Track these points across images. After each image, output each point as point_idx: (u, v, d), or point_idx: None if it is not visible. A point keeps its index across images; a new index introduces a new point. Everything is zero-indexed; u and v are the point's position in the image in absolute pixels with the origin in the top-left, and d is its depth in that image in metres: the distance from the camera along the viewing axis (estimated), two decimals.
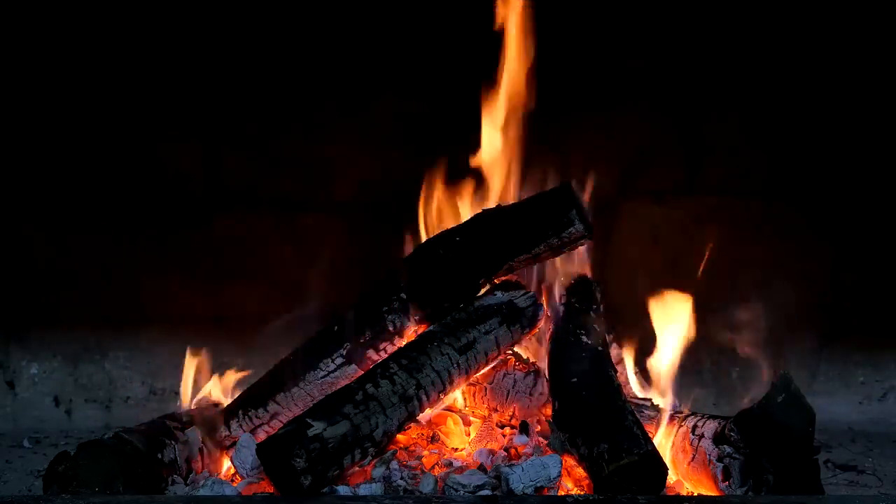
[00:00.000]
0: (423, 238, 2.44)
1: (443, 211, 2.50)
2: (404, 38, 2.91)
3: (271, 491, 1.96)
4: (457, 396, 2.31)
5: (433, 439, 2.19)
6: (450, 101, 2.82)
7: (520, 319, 2.24)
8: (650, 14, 2.91)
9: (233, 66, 2.93)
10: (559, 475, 1.94)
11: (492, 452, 2.12)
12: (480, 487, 1.93)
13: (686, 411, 2.18)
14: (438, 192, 2.51)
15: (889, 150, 2.98)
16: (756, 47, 2.93)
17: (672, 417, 2.15)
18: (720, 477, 1.94)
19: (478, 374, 2.25)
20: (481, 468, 2.02)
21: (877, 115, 2.96)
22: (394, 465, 2.02)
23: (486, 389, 2.30)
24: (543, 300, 2.36)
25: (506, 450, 2.14)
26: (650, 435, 1.99)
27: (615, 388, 2.08)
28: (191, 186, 3.01)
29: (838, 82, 2.95)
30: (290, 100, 2.97)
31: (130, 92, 2.94)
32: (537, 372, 2.27)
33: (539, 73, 2.65)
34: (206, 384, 2.35)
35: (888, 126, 2.97)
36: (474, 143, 2.52)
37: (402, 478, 2.00)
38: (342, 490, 1.92)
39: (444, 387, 2.12)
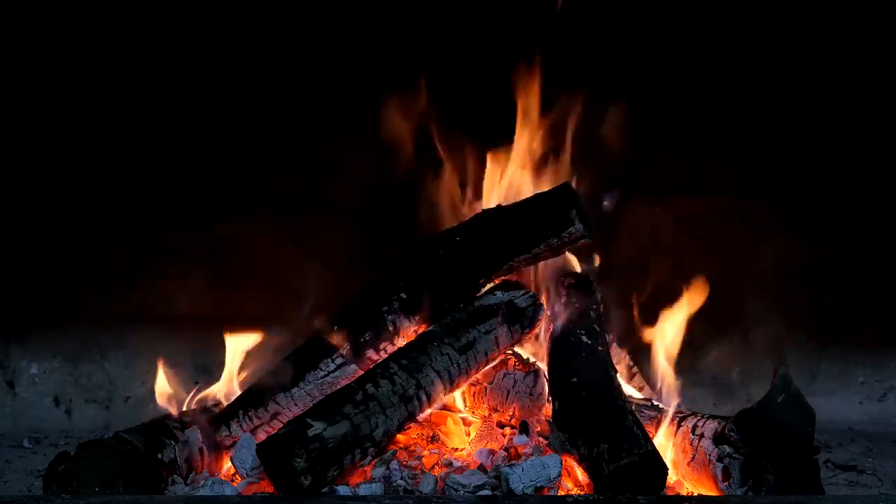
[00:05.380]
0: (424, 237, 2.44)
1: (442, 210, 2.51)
2: (404, 38, 2.90)
3: (271, 491, 1.96)
4: (456, 397, 2.31)
5: (433, 439, 2.19)
6: (451, 101, 2.82)
7: (520, 319, 2.24)
8: (651, 15, 2.91)
9: (233, 67, 2.93)
10: (559, 475, 1.94)
11: (492, 452, 2.12)
12: (480, 487, 1.93)
13: (686, 411, 2.18)
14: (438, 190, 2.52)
15: (889, 151, 2.98)
16: (756, 47, 2.93)
17: (672, 417, 2.15)
18: (720, 477, 1.94)
19: (478, 374, 2.25)
20: (481, 468, 2.02)
21: (877, 115, 2.96)
22: (394, 465, 2.02)
23: (486, 389, 2.30)
24: (543, 300, 2.36)
25: (506, 450, 2.14)
26: (650, 435, 1.99)
27: (615, 388, 2.08)
28: (191, 187, 3.01)
29: (838, 83, 2.95)
30: (291, 101, 2.97)
31: (131, 93, 2.94)
32: (537, 372, 2.27)
33: (539, 73, 2.66)
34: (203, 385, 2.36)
35: (888, 126, 2.97)
36: (474, 143, 2.52)
37: (402, 478, 2.00)
38: (342, 490, 1.93)
39: (444, 387, 2.12)
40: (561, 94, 2.55)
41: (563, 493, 1.94)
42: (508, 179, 2.47)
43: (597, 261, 2.49)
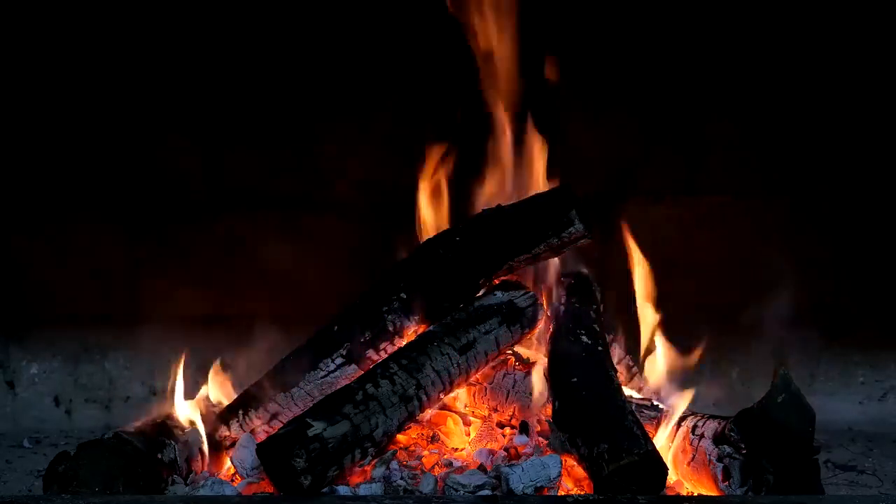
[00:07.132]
0: (423, 238, 2.44)
1: (442, 210, 2.51)
2: (404, 38, 2.90)
3: (271, 491, 1.96)
4: (456, 396, 2.31)
5: (433, 439, 2.20)
6: (450, 100, 2.82)
7: (520, 319, 2.24)
8: (651, 13, 2.91)
9: (233, 66, 2.93)
10: (559, 475, 1.94)
11: (492, 452, 2.12)
12: (480, 487, 1.93)
13: (686, 411, 2.18)
14: (438, 191, 2.52)
15: (889, 150, 2.98)
16: (756, 46, 2.93)
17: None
18: (720, 477, 1.94)
19: (478, 374, 2.25)
20: (481, 468, 2.02)
21: (877, 114, 2.96)
22: (394, 465, 2.02)
23: (486, 389, 2.30)
24: (543, 300, 2.36)
25: (506, 450, 2.14)
26: (650, 435, 1.99)
27: (615, 388, 2.08)
28: (191, 186, 3.00)
29: (838, 81, 2.94)
30: (291, 99, 2.96)
31: (130, 91, 2.93)
32: None
33: (539, 73, 2.66)
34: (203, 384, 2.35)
35: (888, 125, 2.96)
36: (474, 142, 2.52)
37: (402, 478, 2.00)
38: (342, 490, 1.93)
39: (444, 387, 2.12)
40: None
41: (563, 493, 1.94)
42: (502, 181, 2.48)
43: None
